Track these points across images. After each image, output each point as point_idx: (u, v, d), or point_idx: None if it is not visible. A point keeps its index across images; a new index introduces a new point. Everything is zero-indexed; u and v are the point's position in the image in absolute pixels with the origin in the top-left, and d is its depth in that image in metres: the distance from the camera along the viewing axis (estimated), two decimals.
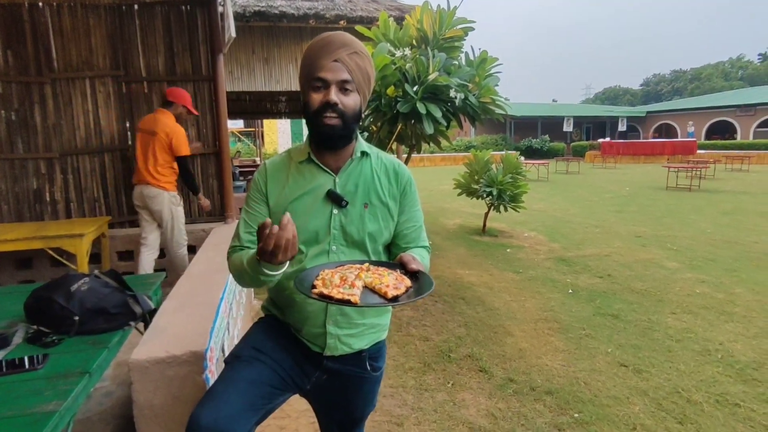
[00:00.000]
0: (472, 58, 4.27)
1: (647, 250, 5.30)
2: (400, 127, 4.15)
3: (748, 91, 33.93)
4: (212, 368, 1.53)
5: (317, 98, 1.06)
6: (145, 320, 1.69)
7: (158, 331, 1.65)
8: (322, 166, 1.14)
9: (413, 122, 4.07)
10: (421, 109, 3.76)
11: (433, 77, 3.78)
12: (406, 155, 5.17)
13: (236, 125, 18.41)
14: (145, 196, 3.30)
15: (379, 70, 3.73)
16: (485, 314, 3.43)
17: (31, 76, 3.66)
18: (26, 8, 3.60)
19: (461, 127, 4.47)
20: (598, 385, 2.43)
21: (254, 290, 3.53)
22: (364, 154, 1.18)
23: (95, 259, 3.64)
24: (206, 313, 1.80)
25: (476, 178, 6.15)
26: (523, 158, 7.17)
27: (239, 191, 6.42)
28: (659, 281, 4.16)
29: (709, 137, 26.59)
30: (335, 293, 0.89)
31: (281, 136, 21.71)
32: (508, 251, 5.38)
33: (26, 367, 1.28)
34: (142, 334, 1.66)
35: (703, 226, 6.62)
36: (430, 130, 3.85)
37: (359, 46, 1.09)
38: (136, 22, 3.79)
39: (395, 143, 4.73)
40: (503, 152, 6.77)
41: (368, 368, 1.22)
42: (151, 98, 3.90)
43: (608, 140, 23.34)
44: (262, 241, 0.89)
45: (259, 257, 0.93)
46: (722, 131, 26.91)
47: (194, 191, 3.59)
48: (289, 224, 0.88)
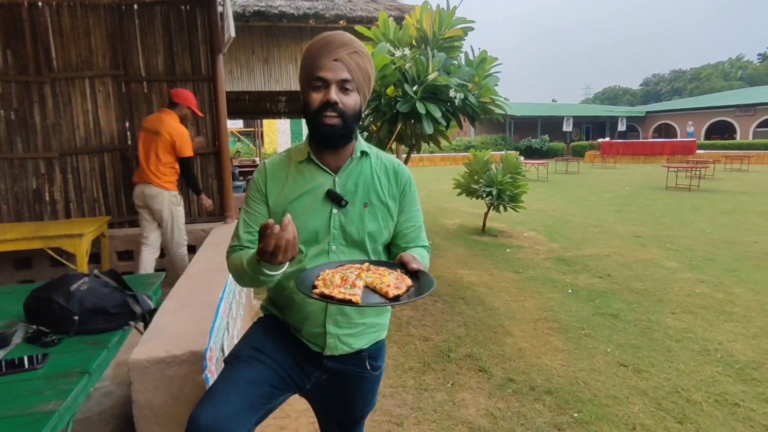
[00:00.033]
0: (471, 57, 4.27)
1: (647, 250, 5.31)
2: (399, 126, 4.15)
3: (747, 91, 33.96)
4: (212, 368, 1.53)
5: (317, 97, 1.05)
6: (144, 320, 1.69)
7: (158, 330, 1.65)
8: (321, 165, 1.14)
9: (413, 122, 4.07)
10: (420, 108, 3.76)
11: (432, 77, 3.78)
12: (405, 155, 5.17)
13: (236, 125, 18.39)
14: (145, 195, 3.30)
15: (378, 69, 3.73)
16: (485, 314, 3.43)
17: (30, 75, 3.66)
18: (26, 7, 3.60)
19: (461, 126, 4.47)
20: (597, 384, 2.44)
21: (254, 290, 3.53)
22: (363, 153, 1.18)
23: (95, 259, 3.64)
24: (206, 312, 1.80)
25: (476, 177, 6.16)
26: (522, 158, 7.17)
27: (239, 191, 6.41)
28: (659, 281, 4.17)
29: (708, 137, 26.61)
30: (336, 293, 0.89)
31: (281, 136, 21.69)
32: (507, 251, 5.38)
33: (26, 366, 1.28)
34: (141, 333, 1.66)
35: (702, 225, 6.62)
36: (429, 129, 3.84)
37: (359, 45, 1.09)
38: (135, 21, 3.79)
39: (395, 143, 4.72)
40: (503, 152, 6.78)
41: (368, 368, 1.22)
42: (150, 98, 3.90)
43: (608, 140, 23.35)
44: (262, 241, 0.89)
45: (258, 257, 0.93)
46: (722, 131, 26.94)
47: (196, 192, 3.60)
48: (289, 225, 0.88)
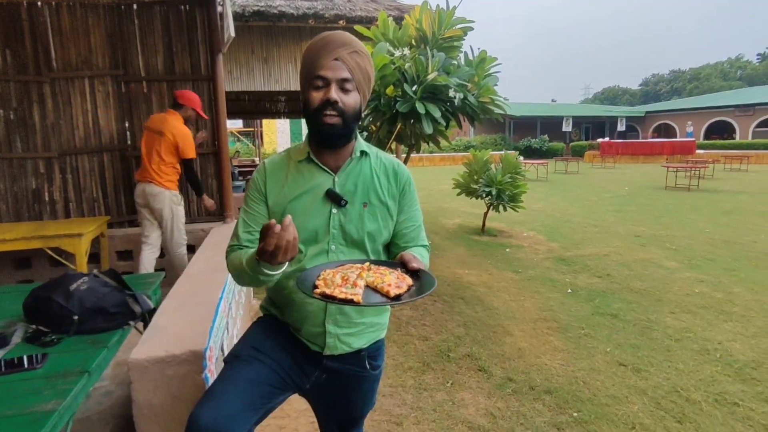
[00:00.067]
0: (471, 57, 4.27)
1: (646, 249, 5.31)
2: (399, 126, 4.15)
3: (746, 91, 33.99)
4: (211, 367, 1.53)
5: (317, 96, 1.05)
6: (144, 320, 1.69)
7: (157, 330, 1.65)
8: (321, 165, 1.14)
9: (412, 122, 4.07)
10: (420, 108, 3.76)
11: (432, 77, 3.78)
12: (405, 155, 5.17)
13: (235, 125, 18.41)
14: (147, 193, 3.31)
15: (378, 69, 3.72)
16: (484, 314, 3.43)
17: (29, 75, 3.65)
18: (25, 7, 3.60)
19: (460, 126, 4.47)
20: (597, 384, 2.44)
21: (253, 290, 3.53)
22: (363, 153, 1.18)
23: (94, 258, 3.64)
24: (205, 312, 1.80)
25: (475, 177, 6.16)
26: (522, 158, 7.16)
27: (238, 191, 6.41)
28: (658, 281, 4.17)
29: (707, 137, 26.64)
30: (338, 293, 0.89)
31: (280, 136, 21.70)
32: (507, 251, 5.38)
33: (25, 366, 1.28)
34: (141, 333, 1.66)
35: (701, 225, 6.62)
36: (429, 129, 3.84)
37: (359, 45, 1.09)
38: (135, 21, 3.79)
39: (394, 143, 4.72)
40: (502, 152, 6.77)
41: (367, 367, 1.22)
42: (150, 98, 3.90)
43: (607, 140, 23.36)
44: (263, 241, 0.89)
45: (258, 257, 0.93)
46: (721, 131, 26.96)
47: (198, 193, 3.61)
48: (290, 226, 0.88)
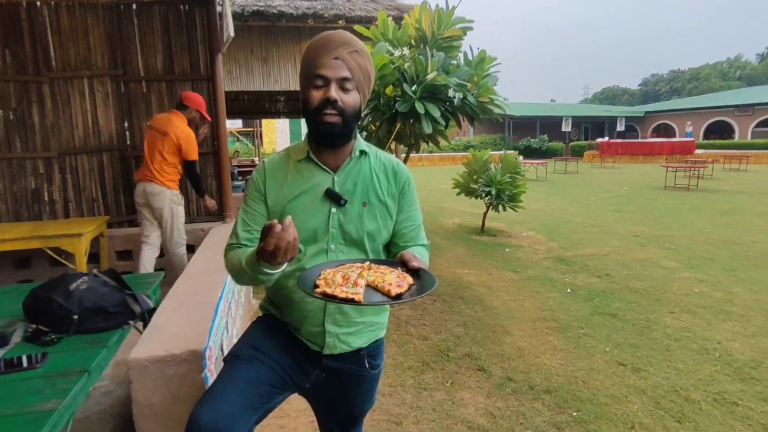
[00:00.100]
0: (470, 57, 4.27)
1: (645, 249, 5.31)
2: (398, 126, 4.15)
3: (746, 91, 34.05)
4: (211, 367, 1.53)
5: (317, 95, 1.05)
6: (144, 319, 1.69)
7: (157, 330, 1.65)
8: (320, 164, 1.14)
9: (412, 122, 4.07)
10: (419, 108, 3.76)
11: (431, 77, 3.78)
12: (404, 155, 5.17)
13: (235, 125, 18.39)
14: (147, 193, 3.30)
15: (377, 69, 3.73)
16: (484, 313, 3.43)
17: (29, 75, 3.65)
18: (24, 7, 3.60)
19: (460, 126, 4.47)
20: (596, 383, 2.44)
21: (253, 289, 3.53)
22: (362, 153, 1.18)
23: (94, 258, 3.64)
24: (205, 312, 1.80)
25: (475, 177, 6.16)
26: (521, 158, 7.18)
27: (238, 191, 6.41)
28: (657, 280, 4.17)
29: (707, 137, 26.67)
30: (338, 292, 0.89)
31: (280, 135, 21.66)
32: (506, 251, 5.39)
33: (25, 365, 1.28)
34: (141, 333, 1.66)
35: (701, 225, 6.63)
36: (428, 129, 3.84)
37: (359, 44, 1.09)
38: (134, 21, 3.79)
39: (394, 143, 4.72)
40: (502, 152, 6.78)
41: (367, 366, 1.22)
42: (149, 97, 3.90)
43: (607, 140, 23.37)
44: (263, 240, 0.89)
45: (258, 257, 0.93)
46: (720, 131, 26.99)
47: (200, 194, 3.61)
48: (291, 227, 0.88)
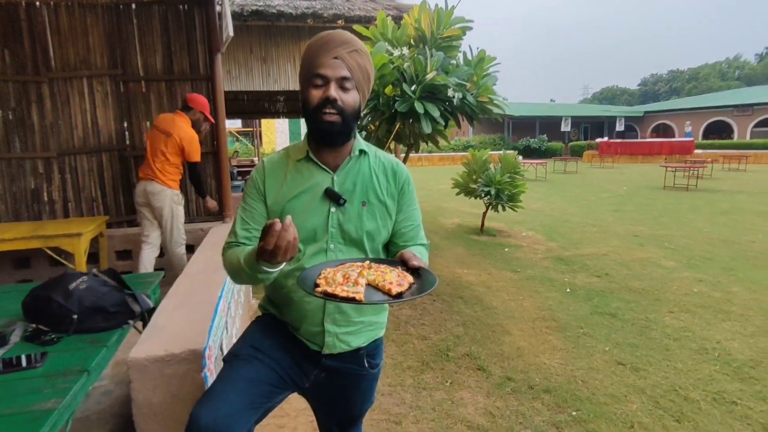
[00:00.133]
0: (470, 57, 4.27)
1: (645, 249, 5.32)
2: (398, 126, 4.15)
3: (745, 91, 34.09)
4: (211, 366, 1.53)
5: (317, 95, 1.05)
6: (143, 319, 1.69)
7: (157, 329, 1.65)
8: (320, 164, 1.14)
9: (411, 121, 4.07)
10: (419, 108, 3.76)
11: (431, 76, 3.78)
12: (404, 155, 5.17)
13: (234, 125, 18.41)
14: (148, 192, 3.31)
15: (377, 69, 3.73)
16: (483, 313, 3.44)
17: (28, 75, 3.65)
18: (23, 7, 3.59)
19: (459, 126, 4.47)
20: (595, 383, 2.44)
21: (252, 289, 3.53)
22: (362, 152, 1.18)
23: (93, 258, 3.64)
24: (205, 311, 1.80)
25: (474, 177, 6.16)
26: (521, 158, 7.18)
27: (237, 191, 6.41)
28: (657, 280, 4.18)
29: (706, 137, 26.70)
30: (339, 291, 0.89)
31: (279, 135, 21.67)
32: (506, 250, 5.39)
33: (24, 365, 1.28)
34: (140, 332, 1.66)
35: (700, 225, 6.64)
36: (428, 129, 3.85)
37: (359, 44, 1.09)
38: (133, 21, 3.79)
39: (393, 142, 4.73)
40: (501, 152, 6.77)
41: (366, 366, 1.22)
42: (149, 97, 3.90)
43: (606, 140, 23.40)
44: (264, 240, 0.89)
45: (258, 256, 0.93)
46: (719, 131, 27.02)
47: (202, 195, 3.62)
48: (291, 227, 0.88)
